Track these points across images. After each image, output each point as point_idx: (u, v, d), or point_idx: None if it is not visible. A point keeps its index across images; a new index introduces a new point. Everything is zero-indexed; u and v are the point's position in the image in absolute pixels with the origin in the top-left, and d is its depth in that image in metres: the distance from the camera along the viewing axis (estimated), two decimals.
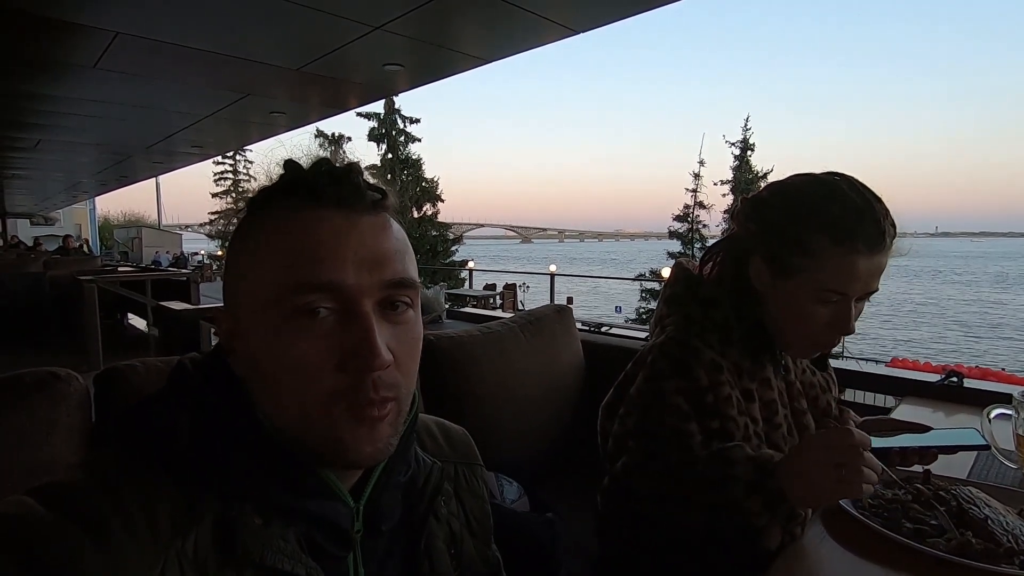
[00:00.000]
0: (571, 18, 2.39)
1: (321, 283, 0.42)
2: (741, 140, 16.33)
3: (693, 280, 0.91)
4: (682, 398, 0.80)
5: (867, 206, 0.77)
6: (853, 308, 0.79)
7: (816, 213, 0.78)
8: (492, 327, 1.47)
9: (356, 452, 0.44)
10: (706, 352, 0.81)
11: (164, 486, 0.41)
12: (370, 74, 3.19)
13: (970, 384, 1.36)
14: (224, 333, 0.47)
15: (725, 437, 0.80)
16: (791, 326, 0.83)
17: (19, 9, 2.26)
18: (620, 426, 0.86)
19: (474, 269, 16.12)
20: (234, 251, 0.48)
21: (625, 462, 0.82)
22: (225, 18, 2.42)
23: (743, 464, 0.74)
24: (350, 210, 0.45)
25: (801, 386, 0.94)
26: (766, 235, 0.83)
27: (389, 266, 0.45)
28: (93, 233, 21.25)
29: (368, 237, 0.45)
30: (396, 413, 0.46)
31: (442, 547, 0.56)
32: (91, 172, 7.66)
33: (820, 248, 0.77)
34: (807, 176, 0.83)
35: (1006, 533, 0.67)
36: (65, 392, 0.79)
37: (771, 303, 0.84)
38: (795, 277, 0.80)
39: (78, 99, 3.73)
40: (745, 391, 0.84)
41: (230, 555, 0.40)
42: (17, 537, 0.36)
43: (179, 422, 0.44)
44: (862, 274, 0.77)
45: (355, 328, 0.43)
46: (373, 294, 0.44)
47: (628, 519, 0.85)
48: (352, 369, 0.43)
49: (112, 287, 4.64)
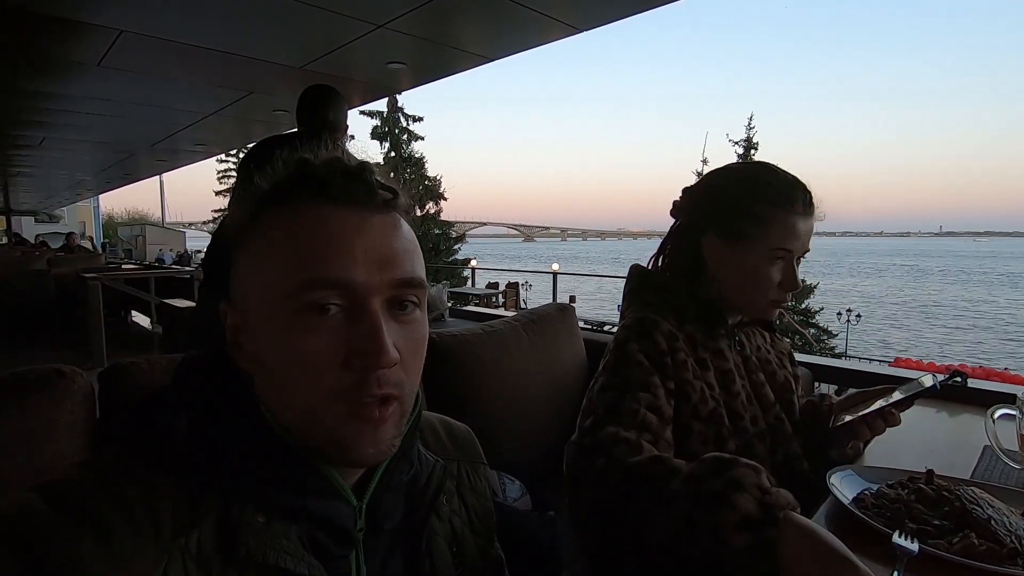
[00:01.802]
0: (574, 16, 2.38)
1: (331, 280, 0.42)
2: (745, 139, 16.29)
3: (646, 274, 1.04)
4: (643, 356, 0.87)
5: (795, 179, 0.93)
6: (796, 267, 0.92)
7: (760, 186, 0.92)
8: (495, 326, 1.47)
9: (358, 452, 0.44)
10: (664, 323, 0.91)
11: (166, 485, 0.41)
12: (373, 72, 3.19)
13: (974, 384, 1.35)
14: (230, 327, 0.47)
15: (683, 398, 0.87)
16: (748, 288, 0.94)
17: (23, 8, 2.26)
18: (589, 392, 0.90)
19: (477, 268, 16.13)
20: (242, 244, 0.47)
21: (594, 419, 0.81)
22: (228, 16, 2.42)
23: (751, 493, 0.67)
24: (362, 208, 0.45)
25: (757, 361, 1.01)
26: (716, 212, 0.95)
27: (399, 265, 0.45)
28: (97, 231, 21.31)
29: (379, 236, 0.45)
30: (399, 414, 0.46)
31: (444, 545, 0.56)
32: (95, 170, 7.68)
33: (766, 213, 0.91)
34: (740, 163, 1.00)
35: (1010, 534, 0.67)
36: (70, 389, 0.79)
37: (726, 273, 0.94)
38: (746, 242, 0.92)
39: (82, 97, 3.74)
40: (700, 360, 0.92)
41: (233, 553, 0.41)
42: (20, 535, 0.36)
43: (180, 421, 0.44)
44: (801, 233, 0.91)
45: (363, 326, 0.43)
46: (382, 292, 0.44)
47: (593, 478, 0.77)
48: (358, 366, 0.43)
49: (116, 284, 4.66)
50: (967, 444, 1.06)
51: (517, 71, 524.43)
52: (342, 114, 1.97)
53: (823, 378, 1.60)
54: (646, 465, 0.74)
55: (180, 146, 5.60)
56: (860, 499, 0.79)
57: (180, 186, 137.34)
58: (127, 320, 5.94)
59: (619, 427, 0.79)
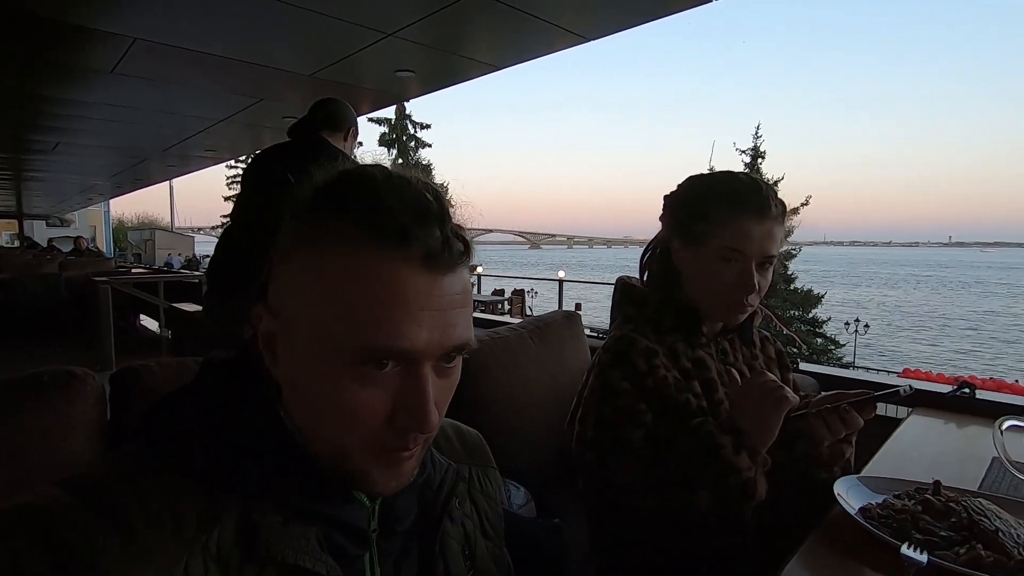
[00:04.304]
0: (582, 26, 2.40)
1: (395, 349, 0.42)
2: (752, 148, 16.27)
3: (627, 287, 1.06)
4: (627, 383, 0.90)
5: (754, 183, 0.93)
6: (754, 270, 0.91)
7: (714, 189, 0.95)
8: (501, 332, 1.47)
9: (382, 486, 0.46)
10: (641, 341, 0.93)
11: (186, 484, 0.41)
12: (382, 80, 3.22)
13: (982, 395, 1.34)
14: (264, 334, 0.46)
15: (666, 414, 0.89)
16: (705, 288, 0.95)
17: (40, 15, 2.31)
18: (581, 426, 0.95)
19: (483, 274, 16.14)
20: (291, 255, 0.44)
21: (598, 456, 0.90)
22: (240, 24, 2.46)
23: (718, 430, 0.83)
24: (435, 267, 0.42)
25: (747, 369, 1.02)
26: (678, 216, 0.98)
27: (456, 331, 0.44)
28: (107, 235, 21.49)
29: (447, 300, 0.43)
30: (423, 450, 0.48)
31: (456, 548, 0.56)
32: (107, 175, 7.76)
33: (718, 215, 0.92)
34: (708, 172, 1.00)
35: (1017, 546, 0.67)
36: (82, 391, 0.80)
37: (691, 276, 0.97)
38: (701, 242, 0.94)
39: (96, 103, 3.79)
40: (683, 371, 0.95)
41: (252, 551, 0.41)
42: (45, 527, 0.37)
43: (198, 422, 0.44)
44: (754, 235, 0.90)
45: (413, 388, 0.43)
46: (436, 356, 0.44)
47: (612, 516, 0.92)
48: (399, 425, 0.43)
49: (125, 288, 4.70)
50: (975, 456, 1.05)
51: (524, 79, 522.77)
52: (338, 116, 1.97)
53: (829, 388, 1.59)
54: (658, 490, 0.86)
55: (190, 152, 5.66)
56: (866, 509, 0.78)
57: (189, 191, 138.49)
58: (136, 323, 5.98)
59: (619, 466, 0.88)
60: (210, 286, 1.95)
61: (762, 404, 0.82)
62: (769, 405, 0.82)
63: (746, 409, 0.84)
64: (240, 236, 1.85)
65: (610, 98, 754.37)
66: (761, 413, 0.82)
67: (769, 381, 0.83)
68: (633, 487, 0.86)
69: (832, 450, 0.91)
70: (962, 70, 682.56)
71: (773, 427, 0.82)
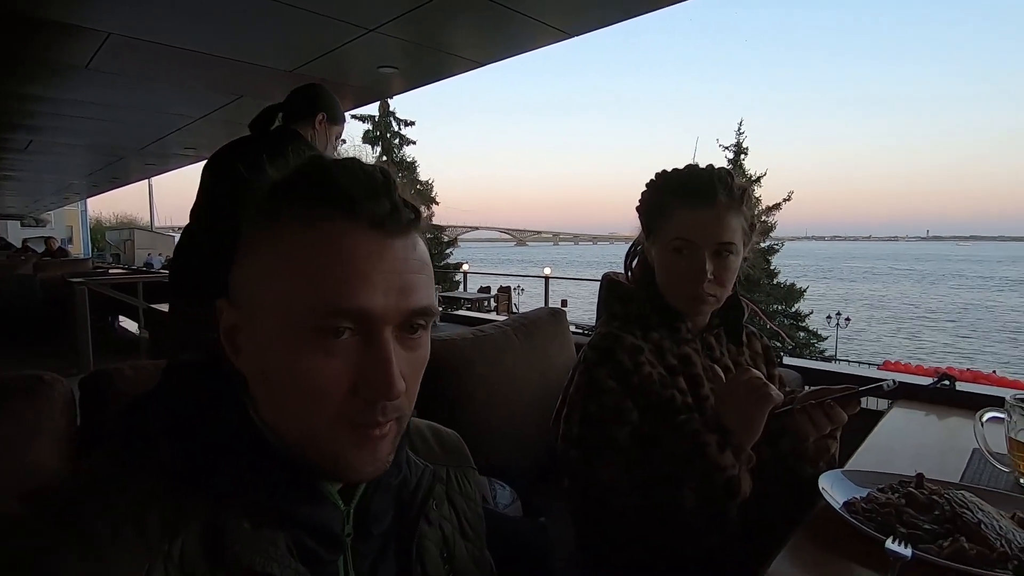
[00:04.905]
0: (565, 22, 2.39)
1: (349, 310, 0.42)
2: (734, 144, 16.42)
3: (613, 284, 1.05)
4: (612, 380, 0.90)
5: (704, 172, 0.94)
6: (708, 258, 0.91)
7: (667, 182, 0.96)
8: (486, 330, 1.46)
9: (357, 471, 0.44)
10: (627, 338, 0.93)
11: (153, 490, 0.40)
12: (364, 76, 3.18)
13: (962, 387, 1.36)
14: (227, 326, 0.46)
15: (652, 411, 0.89)
16: (666, 282, 0.96)
17: (10, 9, 2.24)
18: (566, 424, 0.94)
19: (468, 272, 16.11)
20: (250, 243, 0.45)
21: (583, 454, 0.90)
22: (218, 19, 2.41)
23: (703, 428, 0.84)
24: (384, 231, 0.43)
25: (732, 364, 1.02)
26: (642, 213, 1.00)
27: (415, 294, 0.44)
28: (84, 235, 21.06)
29: (399, 263, 0.44)
30: (396, 431, 0.46)
31: (435, 551, 0.55)
32: (83, 173, 7.60)
33: (669, 206, 0.94)
34: None
35: (999, 537, 0.67)
36: (50, 396, 0.77)
37: (657, 270, 0.97)
38: (659, 236, 0.95)
39: (70, 100, 3.70)
40: (668, 367, 0.94)
41: (218, 560, 0.40)
42: (3, 543, 0.36)
43: (164, 424, 0.43)
44: (702, 223, 0.91)
45: (375, 355, 0.43)
46: (395, 320, 0.44)
47: (597, 514, 0.91)
48: (365, 395, 0.43)
49: (103, 289, 4.60)
50: (956, 447, 1.06)
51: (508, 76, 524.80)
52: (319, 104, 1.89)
53: (812, 382, 1.61)
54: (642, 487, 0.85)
55: (170, 150, 5.55)
56: (850, 503, 0.79)
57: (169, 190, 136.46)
58: (114, 325, 5.87)
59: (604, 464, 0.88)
60: (173, 291, 1.86)
61: (747, 402, 0.82)
62: (754, 403, 0.82)
63: (731, 407, 0.84)
64: (200, 238, 1.79)
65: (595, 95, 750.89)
66: (746, 411, 0.82)
67: (754, 378, 0.83)
68: (619, 485, 0.86)
69: (817, 445, 0.91)
70: (940, 69, 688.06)
71: (758, 425, 0.82)
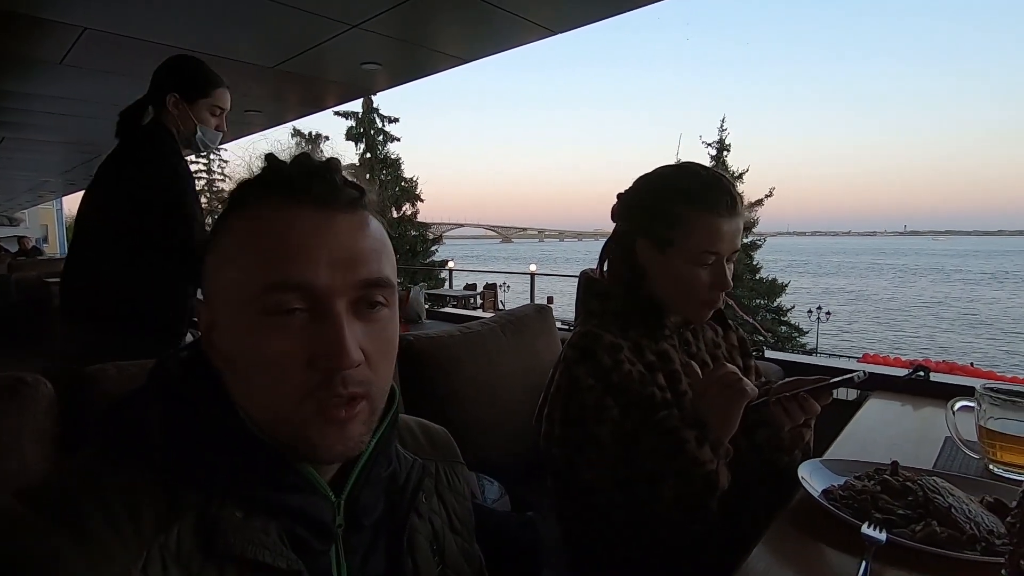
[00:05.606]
0: (550, 19, 2.39)
1: (293, 283, 0.43)
2: (717, 140, 16.59)
3: (591, 281, 1.04)
4: (592, 379, 0.89)
5: (716, 178, 0.92)
6: (726, 266, 0.92)
7: (680, 190, 0.92)
8: (472, 327, 1.47)
9: (326, 450, 0.45)
10: (606, 336, 0.92)
11: (145, 483, 0.41)
12: (347, 73, 3.16)
13: (936, 378, 1.40)
14: (203, 325, 0.47)
15: (632, 408, 0.89)
16: (680, 292, 0.94)
17: None
18: (548, 423, 0.94)
19: (454, 269, 16.08)
20: (211, 245, 0.47)
21: (565, 453, 0.90)
22: (196, 14, 2.37)
23: (682, 424, 0.84)
24: (326, 208, 0.45)
25: (710, 358, 1.03)
26: (643, 219, 0.96)
27: (364, 266, 0.45)
28: (60, 234, 20.56)
29: (344, 236, 0.45)
30: (368, 411, 0.47)
31: (424, 544, 0.56)
32: (58, 171, 7.43)
33: (688, 217, 0.90)
34: (666, 166, 0.98)
35: (969, 521, 0.70)
36: (33, 397, 0.76)
37: (659, 277, 0.95)
38: (673, 247, 0.92)
39: (44, 96, 3.61)
40: (647, 364, 0.94)
41: (212, 550, 0.41)
42: (2, 541, 0.37)
43: (153, 418, 0.44)
44: (725, 234, 0.90)
45: (326, 328, 0.43)
46: (347, 294, 0.44)
47: (581, 511, 0.92)
48: (322, 367, 0.43)
49: None
50: (929, 436, 1.10)
51: (493, 73, 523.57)
52: None
53: (793, 375, 1.64)
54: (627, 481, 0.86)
55: None
56: (829, 491, 0.81)
57: None
58: None
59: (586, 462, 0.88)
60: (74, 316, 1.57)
61: (723, 397, 0.83)
62: (729, 398, 0.82)
63: (708, 403, 0.85)
64: None
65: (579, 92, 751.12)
66: (722, 406, 0.83)
67: (729, 374, 0.84)
68: (601, 483, 0.87)
69: (792, 435, 0.94)
70: (918, 66, 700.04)
71: (734, 419, 0.83)
